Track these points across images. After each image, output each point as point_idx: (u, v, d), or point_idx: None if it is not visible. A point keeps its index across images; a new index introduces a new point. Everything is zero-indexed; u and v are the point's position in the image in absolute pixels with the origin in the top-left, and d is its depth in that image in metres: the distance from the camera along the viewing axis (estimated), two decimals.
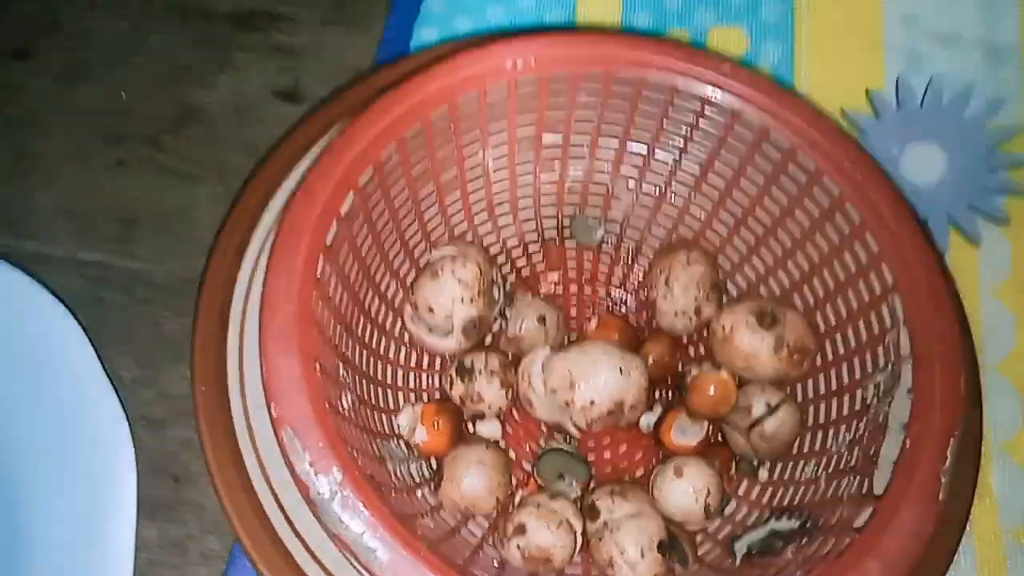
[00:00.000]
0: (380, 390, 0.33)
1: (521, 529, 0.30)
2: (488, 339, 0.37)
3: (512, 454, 0.35)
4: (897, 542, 0.25)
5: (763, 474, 0.34)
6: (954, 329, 0.30)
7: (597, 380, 0.32)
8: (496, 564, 0.31)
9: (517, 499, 0.34)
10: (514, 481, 0.34)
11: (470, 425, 0.35)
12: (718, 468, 0.32)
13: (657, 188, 0.38)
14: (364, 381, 0.32)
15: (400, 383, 0.35)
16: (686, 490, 0.31)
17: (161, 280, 0.40)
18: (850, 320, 0.33)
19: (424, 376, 0.36)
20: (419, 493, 0.32)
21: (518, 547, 0.30)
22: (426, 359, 0.36)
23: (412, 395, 0.35)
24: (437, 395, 0.36)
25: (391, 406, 0.34)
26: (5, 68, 0.45)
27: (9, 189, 0.42)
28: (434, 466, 0.34)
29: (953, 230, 0.42)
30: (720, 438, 0.35)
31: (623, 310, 0.39)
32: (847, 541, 0.26)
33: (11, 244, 0.40)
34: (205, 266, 0.34)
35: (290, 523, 0.29)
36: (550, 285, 0.39)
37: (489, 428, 0.35)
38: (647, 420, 0.35)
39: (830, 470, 0.31)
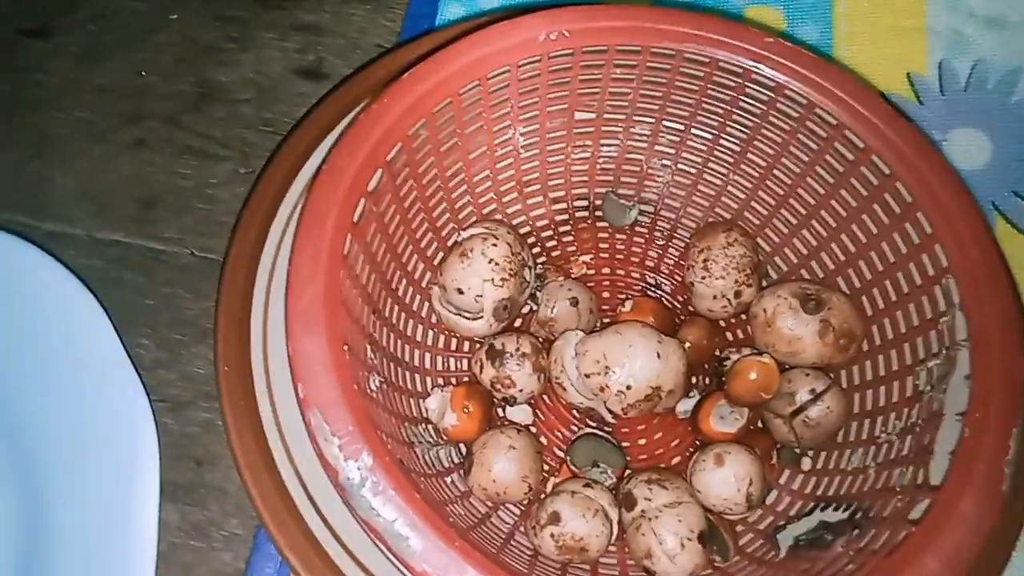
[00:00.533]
0: (408, 373, 0.32)
1: (555, 517, 0.29)
2: (518, 322, 0.36)
3: (544, 440, 0.34)
4: (957, 536, 0.24)
5: (806, 463, 0.32)
6: (1014, 313, 0.28)
7: (633, 364, 0.30)
8: (528, 553, 0.30)
9: (549, 486, 0.32)
10: (546, 468, 0.33)
11: (500, 410, 0.34)
12: (759, 456, 0.31)
13: (694, 167, 0.36)
14: (392, 364, 0.31)
15: (429, 366, 0.34)
16: (727, 479, 0.30)
17: (181, 260, 0.39)
18: (900, 303, 0.31)
19: (453, 359, 0.35)
20: (449, 479, 0.31)
21: (552, 536, 0.29)
22: (455, 342, 0.35)
23: (441, 379, 0.34)
24: (467, 379, 0.35)
25: (420, 390, 0.33)
26: (24, 48, 0.44)
27: (29, 169, 0.41)
28: (464, 452, 0.33)
29: (998, 217, 0.40)
30: (760, 425, 0.34)
31: (658, 293, 0.38)
32: (902, 534, 0.25)
33: (31, 224, 0.40)
34: (228, 245, 0.33)
35: (315, 506, 0.28)
36: (582, 267, 0.38)
37: (520, 413, 0.34)
38: (684, 406, 0.34)
39: (880, 460, 0.29)
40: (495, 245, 0.32)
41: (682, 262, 0.37)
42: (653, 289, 0.38)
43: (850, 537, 0.27)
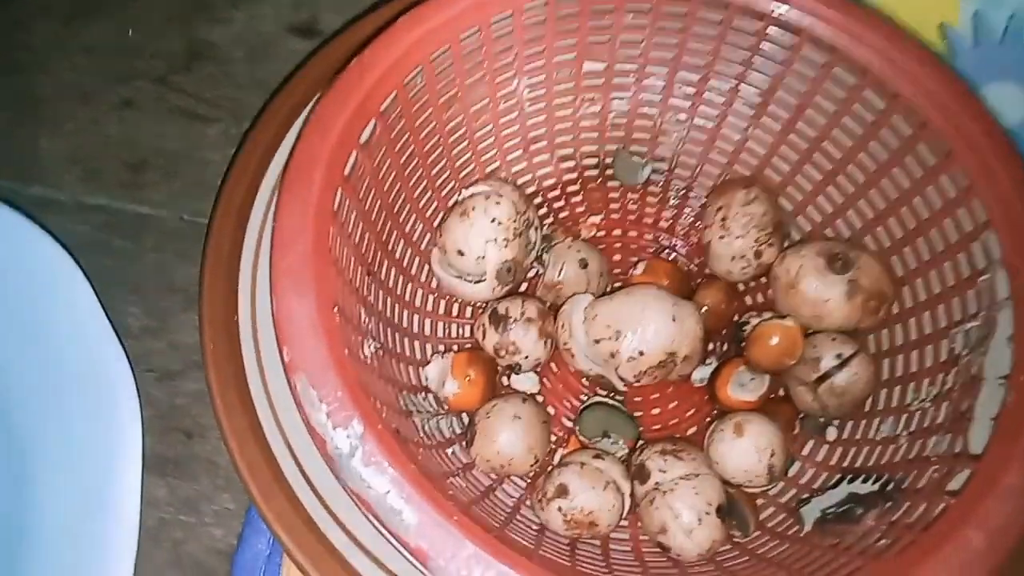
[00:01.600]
0: (407, 340, 0.30)
1: (563, 490, 0.27)
2: (524, 288, 0.34)
3: (551, 410, 0.32)
4: (1002, 508, 0.22)
5: (832, 433, 0.30)
6: None
7: (646, 328, 0.28)
8: (535, 528, 0.28)
9: (557, 458, 0.31)
10: (554, 439, 0.31)
11: (505, 379, 0.32)
12: (782, 426, 0.29)
13: (711, 120, 0.34)
14: (389, 329, 0.29)
15: (429, 333, 0.32)
16: (747, 449, 0.28)
17: (171, 225, 0.37)
18: (934, 262, 0.29)
19: (455, 326, 0.33)
20: (450, 451, 0.29)
21: (559, 509, 0.27)
22: (457, 307, 0.33)
23: (442, 346, 0.32)
24: (469, 347, 0.33)
25: (419, 357, 0.31)
26: (9, 8, 0.42)
27: (14, 133, 0.39)
28: (466, 422, 0.31)
29: None
30: (783, 393, 0.32)
31: (673, 256, 0.35)
32: (940, 507, 0.23)
33: (16, 189, 0.38)
34: (214, 206, 0.31)
35: (307, 478, 0.26)
36: (591, 229, 0.36)
37: (526, 381, 0.32)
38: (701, 374, 0.32)
39: (913, 428, 0.27)
40: (498, 203, 0.30)
41: (698, 223, 0.35)
42: (667, 251, 0.35)
43: (882, 510, 0.25)
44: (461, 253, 0.30)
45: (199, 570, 0.30)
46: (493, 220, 0.30)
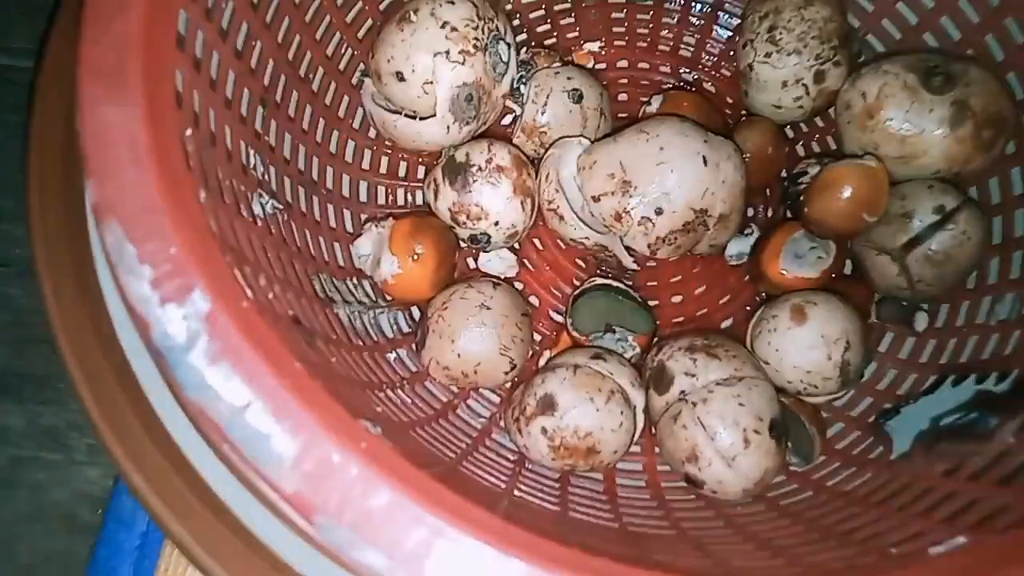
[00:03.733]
0: (330, 204, 0.22)
1: (549, 404, 0.19)
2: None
3: (535, 300, 0.24)
4: None
5: (921, 320, 0.22)
6: None
7: (665, 176, 0.20)
8: (510, 460, 0.20)
9: (542, 362, 0.22)
10: (538, 338, 0.23)
11: (473, 260, 0.24)
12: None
13: None
14: (301, 187, 0.21)
15: (365, 198, 0.23)
16: (812, 342, 0.20)
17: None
18: None
19: (401, 190, 0.25)
20: (392, 355, 0.21)
21: (544, 431, 0.19)
22: (404, 166, 0.25)
23: (382, 215, 0.23)
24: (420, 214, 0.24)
25: (349, 229, 0.22)
26: None
27: None
28: (417, 317, 0.23)
29: None
30: (850, 270, 0.23)
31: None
32: None
33: None
34: (41, 42, 0.23)
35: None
36: (587, 60, 0.27)
37: (498, 261, 0.24)
38: (737, 247, 0.24)
39: None
40: (451, 2, 0.21)
41: (731, 50, 0.26)
42: (690, 88, 0.26)
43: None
44: (401, 77, 0.21)
45: (66, 523, 0.23)
46: (444, 25, 0.21)
